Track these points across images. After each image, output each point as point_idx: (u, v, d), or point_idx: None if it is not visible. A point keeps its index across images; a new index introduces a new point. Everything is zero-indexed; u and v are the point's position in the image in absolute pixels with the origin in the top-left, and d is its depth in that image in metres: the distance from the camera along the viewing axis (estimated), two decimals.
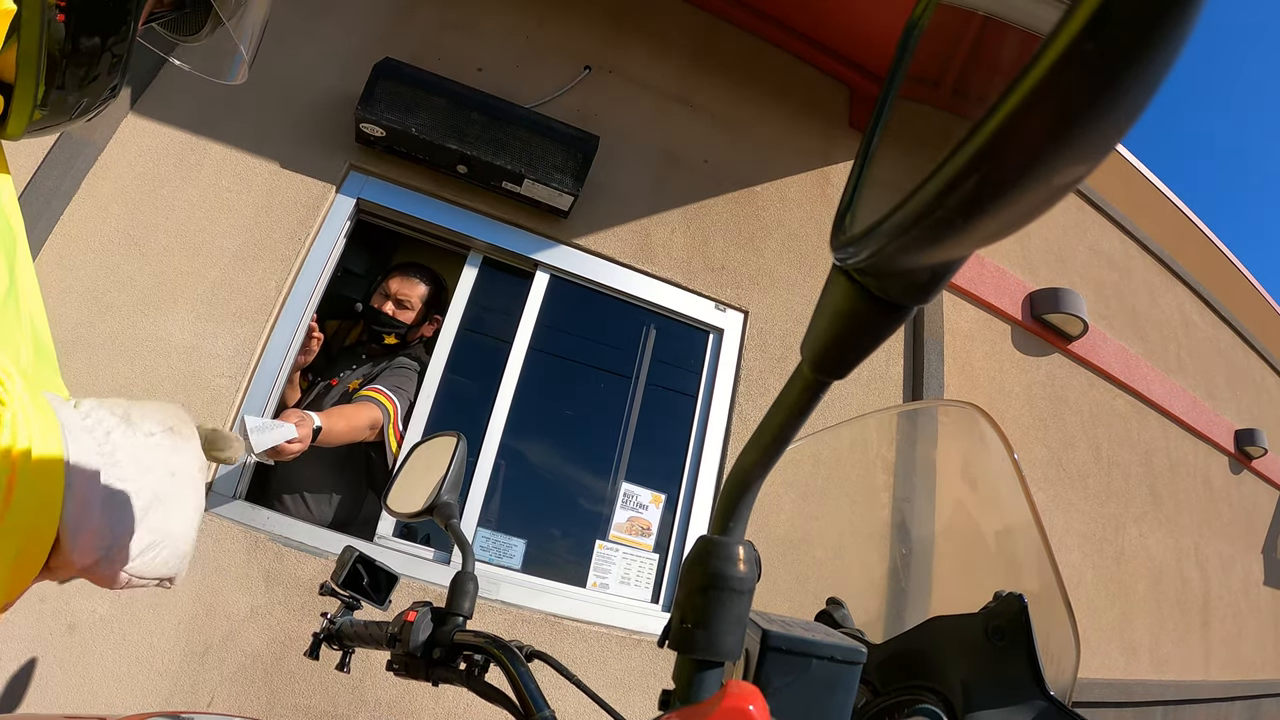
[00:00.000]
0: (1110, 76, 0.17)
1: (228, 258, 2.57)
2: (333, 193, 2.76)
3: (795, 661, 0.52)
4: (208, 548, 2.27)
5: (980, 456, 0.80)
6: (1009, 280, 4.08)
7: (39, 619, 2.09)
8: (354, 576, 1.23)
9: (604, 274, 3.04)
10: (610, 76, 3.37)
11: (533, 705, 0.78)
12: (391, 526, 2.54)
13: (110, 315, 2.39)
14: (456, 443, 1.16)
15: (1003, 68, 0.23)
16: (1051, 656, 0.62)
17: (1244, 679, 5.43)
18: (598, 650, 2.53)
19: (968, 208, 0.22)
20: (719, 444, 2.98)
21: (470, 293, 2.87)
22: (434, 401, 2.69)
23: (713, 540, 0.45)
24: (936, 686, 0.64)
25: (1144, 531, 4.46)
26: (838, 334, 0.33)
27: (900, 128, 0.31)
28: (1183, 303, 5.53)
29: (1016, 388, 3.93)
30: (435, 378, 2.71)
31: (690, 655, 0.45)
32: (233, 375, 2.45)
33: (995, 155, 0.20)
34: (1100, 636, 4.02)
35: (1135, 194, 5.25)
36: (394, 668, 1.00)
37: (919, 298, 0.30)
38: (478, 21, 3.25)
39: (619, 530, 2.81)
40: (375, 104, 2.63)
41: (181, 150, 2.65)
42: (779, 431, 0.41)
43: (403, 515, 1.17)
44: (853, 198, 0.31)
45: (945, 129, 0.24)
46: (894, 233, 0.25)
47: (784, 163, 3.58)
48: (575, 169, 2.79)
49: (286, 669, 2.22)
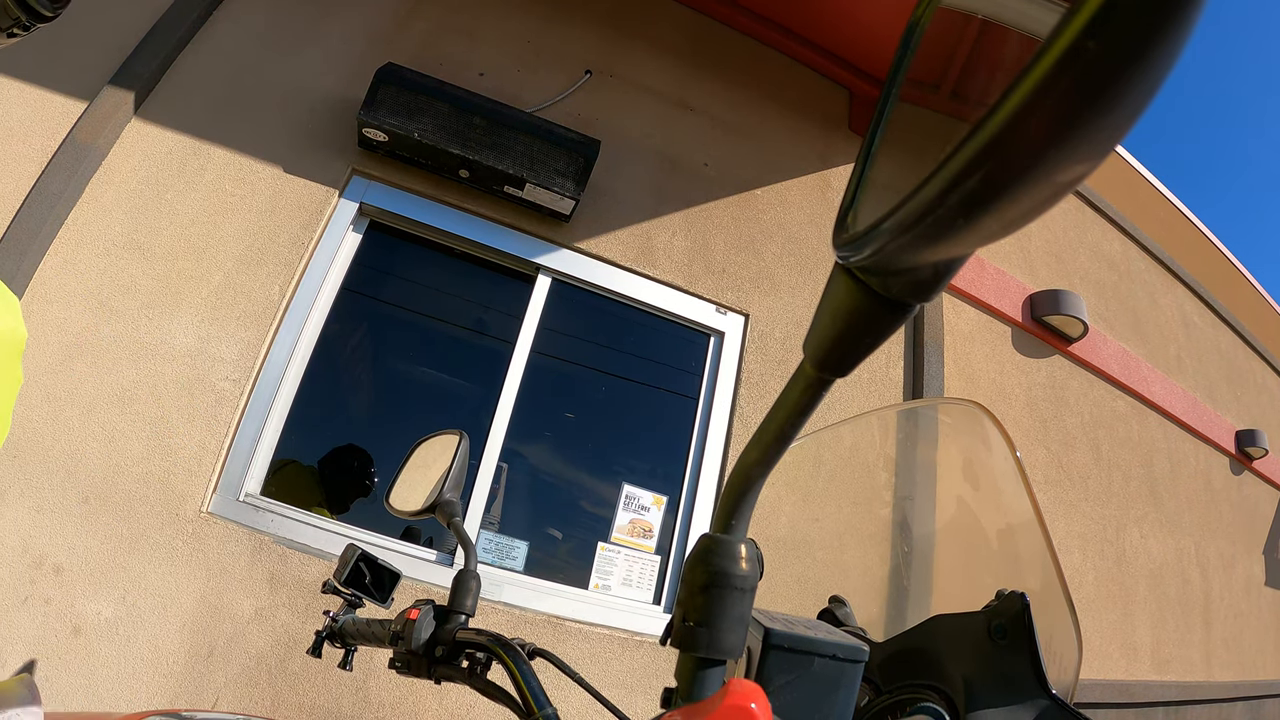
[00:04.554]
0: (1111, 76, 0.17)
1: (231, 262, 2.57)
2: (335, 197, 2.76)
3: (797, 660, 0.52)
4: (212, 550, 2.28)
5: (982, 454, 0.80)
6: (1009, 282, 4.08)
7: (44, 621, 2.09)
8: (356, 574, 1.23)
9: (605, 277, 3.04)
10: (611, 81, 3.38)
11: (535, 703, 0.78)
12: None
13: (114, 319, 2.40)
14: (459, 440, 1.15)
15: (1003, 68, 0.23)
16: (1054, 655, 0.62)
17: (1245, 679, 5.42)
18: (600, 651, 2.53)
19: (969, 206, 0.22)
20: (720, 446, 2.98)
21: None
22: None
23: (715, 538, 0.45)
24: (938, 685, 0.65)
25: (1145, 532, 4.45)
26: (840, 332, 0.33)
27: (902, 129, 0.31)
28: (1183, 304, 5.52)
29: (1017, 389, 3.93)
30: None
31: (692, 653, 0.45)
32: (237, 379, 2.46)
33: (997, 154, 0.20)
34: (1102, 637, 4.01)
35: (1135, 195, 5.24)
36: (396, 666, 0.99)
37: (921, 296, 0.30)
38: (479, 26, 3.26)
39: (621, 532, 2.81)
40: (378, 109, 2.63)
41: (185, 155, 2.65)
42: (781, 430, 0.41)
43: (404, 513, 1.16)
44: (855, 196, 0.31)
45: (946, 131, 0.24)
46: (896, 231, 0.25)
47: (784, 166, 3.59)
48: (577, 173, 2.80)
49: (291, 670, 2.22)
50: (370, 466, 2.87)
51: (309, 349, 2.65)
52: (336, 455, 2.85)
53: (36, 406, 2.26)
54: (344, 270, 2.79)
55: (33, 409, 2.25)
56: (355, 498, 2.84)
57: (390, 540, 2.54)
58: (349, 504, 2.82)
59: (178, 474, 2.33)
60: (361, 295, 2.94)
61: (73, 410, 2.30)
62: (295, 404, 2.61)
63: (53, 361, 2.32)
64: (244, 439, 2.46)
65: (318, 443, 2.80)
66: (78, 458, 2.26)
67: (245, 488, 2.43)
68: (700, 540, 0.46)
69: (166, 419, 2.37)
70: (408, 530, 2.63)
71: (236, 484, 2.41)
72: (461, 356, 2.99)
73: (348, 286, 2.81)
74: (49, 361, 2.31)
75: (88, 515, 2.22)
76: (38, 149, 2.49)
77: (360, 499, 2.84)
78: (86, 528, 2.20)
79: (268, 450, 2.51)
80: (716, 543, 0.45)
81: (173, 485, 2.31)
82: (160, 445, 2.34)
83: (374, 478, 2.86)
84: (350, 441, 2.90)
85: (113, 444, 2.30)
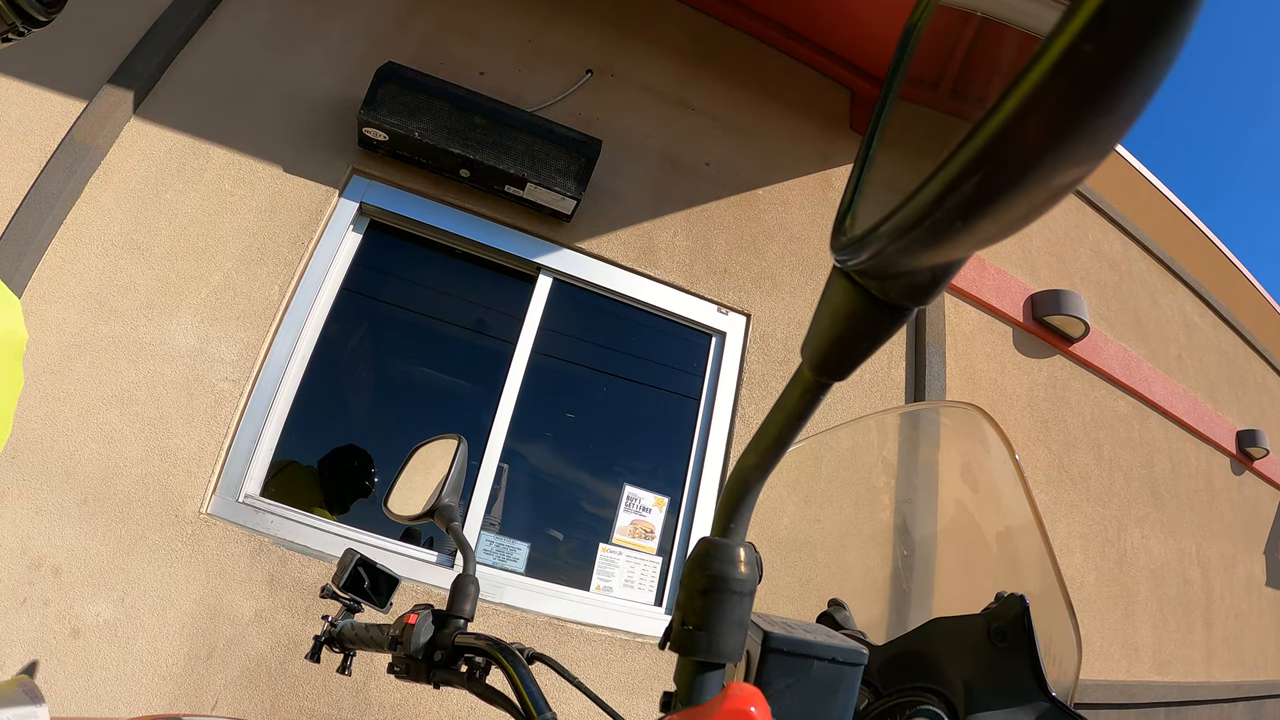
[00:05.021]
0: (1109, 78, 0.17)
1: (231, 261, 2.57)
2: (335, 196, 2.76)
3: (797, 663, 0.52)
4: (211, 551, 2.27)
5: (981, 457, 0.80)
6: (1010, 282, 4.08)
7: (42, 623, 2.09)
8: (355, 579, 1.23)
9: (606, 277, 3.04)
10: (612, 80, 3.38)
11: (534, 707, 0.78)
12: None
13: (114, 319, 2.40)
14: (457, 445, 1.15)
15: (1002, 69, 0.23)
16: (1053, 657, 0.62)
17: (1246, 680, 5.42)
18: (601, 653, 2.53)
19: (967, 209, 0.22)
20: (721, 447, 2.98)
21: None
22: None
23: (714, 542, 0.45)
24: (938, 688, 0.64)
25: (1146, 533, 4.45)
26: (838, 335, 0.33)
27: (900, 130, 0.31)
28: (1184, 304, 5.52)
29: (1018, 390, 3.93)
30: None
31: (691, 657, 0.45)
32: (236, 379, 2.46)
33: (995, 157, 0.20)
34: (1102, 638, 4.01)
35: (1136, 195, 5.24)
36: (395, 670, 0.99)
37: (919, 299, 0.30)
38: (480, 25, 3.26)
39: (622, 533, 2.81)
40: (378, 108, 2.63)
41: (184, 154, 2.65)
42: (780, 433, 0.40)
43: (403, 518, 1.16)
44: (853, 199, 0.31)
45: (945, 131, 0.24)
46: (894, 234, 0.25)
47: (785, 165, 3.59)
48: (578, 173, 2.80)
49: (290, 673, 2.22)
50: (370, 467, 2.87)
51: (309, 349, 2.65)
52: (336, 456, 2.86)
53: (35, 407, 2.26)
54: (344, 270, 2.79)
55: (32, 409, 2.25)
56: (355, 499, 2.84)
57: (390, 542, 2.54)
58: (349, 505, 2.82)
59: (177, 475, 2.33)
60: (362, 295, 2.94)
61: (71, 411, 2.30)
62: (295, 405, 2.61)
63: (52, 362, 2.32)
64: (243, 440, 2.45)
65: (317, 443, 2.80)
66: (76, 458, 2.26)
67: (245, 489, 2.43)
68: (699, 544, 0.46)
69: (166, 420, 2.36)
70: (408, 532, 2.63)
71: (236, 485, 2.41)
72: (462, 357, 2.99)
73: (348, 286, 2.81)
74: (48, 362, 2.31)
75: (87, 516, 2.21)
76: (37, 148, 2.49)
77: (360, 500, 2.84)
78: (85, 529, 2.20)
79: (267, 451, 2.51)
80: (715, 546, 0.45)
81: (172, 486, 2.31)
82: (159, 446, 2.34)
83: (374, 479, 2.86)
84: (350, 442, 2.90)
85: (112, 445, 2.30)
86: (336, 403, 2.96)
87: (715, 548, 0.45)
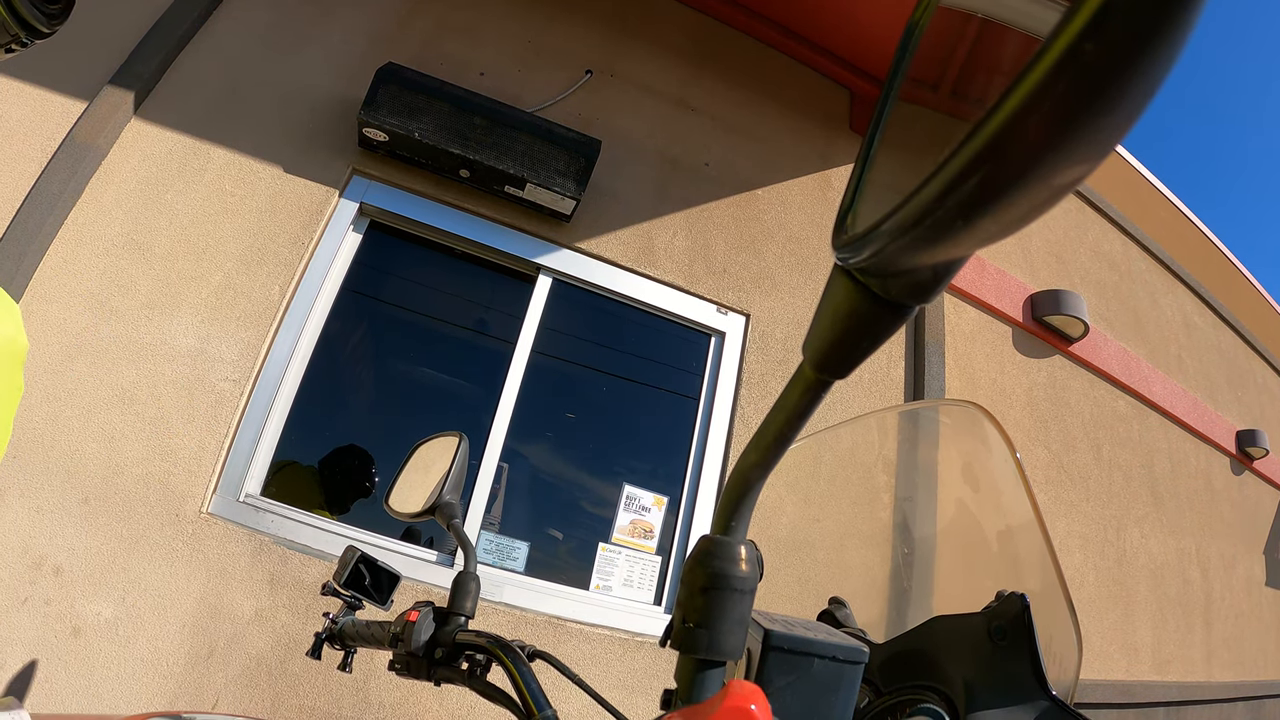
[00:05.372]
0: (1110, 77, 0.17)
1: (232, 262, 2.57)
2: (336, 197, 2.77)
3: (797, 661, 0.52)
4: (212, 551, 2.28)
5: (982, 456, 0.80)
6: (1010, 282, 4.08)
7: (43, 622, 2.10)
8: (356, 576, 1.23)
9: (606, 277, 3.04)
10: (612, 80, 3.38)
11: (534, 705, 0.78)
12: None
13: (114, 319, 2.40)
14: (458, 442, 1.15)
15: (1002, 69, 0.23)
16: (1054, 656, 0.62)
17: (1246, 680, 5.42)
18: (600, 652, 2.53)
19: (968, 208, 0.22)
20: (721, 447, 2.98)
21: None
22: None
23: (714, 540, 0.45)
24: (939, 686, 0.64)
25: (1145, 533, 4.45)
26: (839, 334, 0.33)
27: (901, 130, 0.31)
28: (1183, 304, 5.52)
29: (1018, 389, 3.93)
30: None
31: (692, 655, 0.45)
32: (237, 379, 2.46)
33: (995, 156, 0.20)
34: (1102, 638, 4.01)
35: (1136, 195, 5.24)
36: (396, 668, 0.99)
37: (920, 297, 0.30)
38: (479, 26, 3.26)
39: (621, 533, 2.81)
40: (378, 108, 2.63)
41: (185, 154, 2.66)
42: (780, 432, 0.40)
43: (404, 515, 1.16)
44: (854, 198, 0.31)
45: (945, 131, 0.24)
46: (895, 232, 0.25)
47: (785, 165, 3.59)
48: (577, 173, 2.80)
49: (291, 671, 2.22)
50: (371, 467, 2.87)
51: (309, 349, 2.65)
52: (337, 455, 2.85)
53: (36, 407, 2.26)
54: (344, 270, 2.79)
55: (33, 409, 2.25)
56: (356, 498, 2.84)
57: (391, 541, 2.55)
58: (349, 504, 2.82)
59: (178, 474, 2.33)
60: (362, 295, 2.94)
61: (72, 410, 2.30)
62: (295, 404, 2.61)
63: (52, 362, 2.32)
64: (244, 439, 2.46)
65: (318, 443, 2.80)
66: (77, 458, 2.26)
67: (245, 488, 2.43)
68: (700, 542, 0.46)
69: (166, 419, 2.37)
70: (408, 531, 2.63)
71: (237, 484, 2.41)
72: (462, 357, 2.99)
73: (348, 286, 2.81)
74: (49, 362, 2.31)
75: (87, 516, 2.22)
76: (37, 149, 2.49)
77: (361, 500, 2.84)
78: (86, 528, 2.20)
79: (268, 451, 2.51)
80: (716, 544, 0.45)
81: (173, 486, 2.31)
82: (160, 446, 2.34)
83: (374, 478, 2.86)
84: (351, 442, 2.90)
85: (112, 444, 2.30)
86: (337, 402, 2.96)
87: (716, 545, 0.45)
